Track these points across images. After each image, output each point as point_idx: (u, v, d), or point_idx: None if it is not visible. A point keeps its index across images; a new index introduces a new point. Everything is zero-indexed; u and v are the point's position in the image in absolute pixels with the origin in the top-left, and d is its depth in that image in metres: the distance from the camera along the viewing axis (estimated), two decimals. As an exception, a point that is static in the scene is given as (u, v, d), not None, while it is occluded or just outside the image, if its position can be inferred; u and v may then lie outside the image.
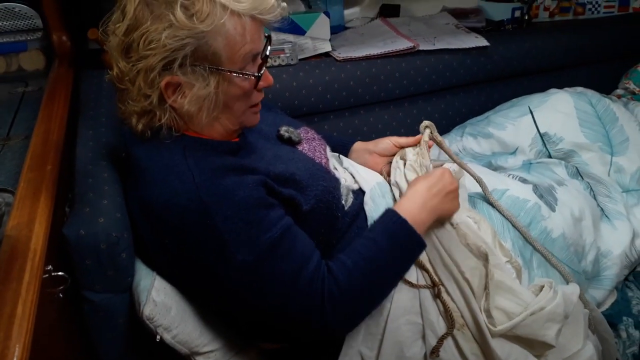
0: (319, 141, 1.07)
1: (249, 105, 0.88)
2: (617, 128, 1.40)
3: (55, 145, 0.87)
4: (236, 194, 0.79)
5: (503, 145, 1.45)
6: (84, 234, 0.78)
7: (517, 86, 1.74)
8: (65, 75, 1.21)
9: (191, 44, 0.77)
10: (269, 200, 0.83)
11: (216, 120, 0.87)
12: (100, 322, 0.84)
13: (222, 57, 0.80)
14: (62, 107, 1.01)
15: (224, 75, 0.82)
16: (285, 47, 1.44)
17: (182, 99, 0.81)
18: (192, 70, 0.79)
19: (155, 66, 0.78)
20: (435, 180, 0.95)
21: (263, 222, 0.80)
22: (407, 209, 0.91)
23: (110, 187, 0.88)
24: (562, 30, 1.77)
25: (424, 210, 0.92)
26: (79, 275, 0.80)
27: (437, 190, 0.93)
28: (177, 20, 0.75)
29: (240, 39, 0.80)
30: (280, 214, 0.83)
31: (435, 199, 0.93)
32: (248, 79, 0.84)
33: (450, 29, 1.70)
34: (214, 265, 0.79)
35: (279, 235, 0.80)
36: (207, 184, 0.79)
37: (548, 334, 0.92)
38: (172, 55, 0.77)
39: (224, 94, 0.83)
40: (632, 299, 1.28)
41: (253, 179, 0.82)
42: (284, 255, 0.80)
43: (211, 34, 0.77)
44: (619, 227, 1.26)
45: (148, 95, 0.80)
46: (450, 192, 0.95)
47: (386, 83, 1.52)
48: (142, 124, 0.83)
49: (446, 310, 0.92)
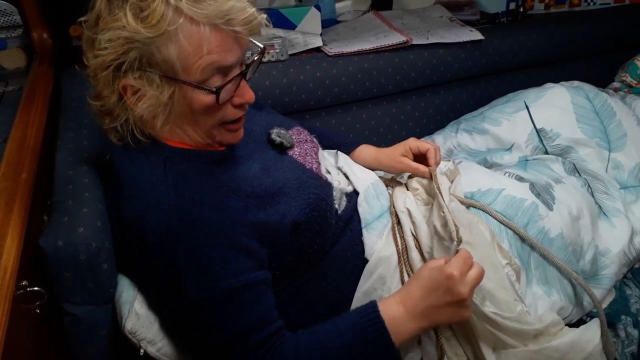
0: (311, 143, 1.03)
1: (218, 122, 0.81)
2: (614, 123, 1.38)
3: (32, 150, 0.83)
4: (209, 226, 0.74)
5: (498, 142, 1.42)
6: (62, 245, 0.74)
7: (513, 80, 1.71)
8: (46, 74, 1.16)
9: (137, 49, 0.72)
10: (243, 244, 0.76)
11: (181, 130, 0.82)
12: (81, 335, 0.80)
13: (177, 66, 0.74)
14: (41, 108, 0.97)
15: (179, 86, 0.76)
16: (274, 42, 1.40)
17: (138, 102, 0.77)
18: (144, 75, 0.75)
19: (107, 66, 0.74)
20: (434, 286, 0.78)
21: (227, 266, 0.74)
22: (392, 308, 0.78)
23: (92, 193, 0.85)
24: (558, 23, 1.74)
25: (413, 318, 0.78)
26: (57, 288, 0.76)
27: (435, 299, 0.77)
28: (127, 22, 0.71)
29: (195, 50, 0.72)
30: (251, 265, 0.77)
31: (431, 309, 0.78)
32: (209, 93, 0.76)
33: (444, 22, 1.67)
34: (162, 291, 0.76)
35: (241, 286, 0.74)
36: (180, 208, 0.75)
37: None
38: (121, 57, 0.73)
39: (181, 105, 0.78)
40: (630, 297, 1.26)
41: (234, 210, 0.77)
42: (239, 310, 0.74)
43: (161, 40, 0.71)
44: (618, 225, 1.23)
45: (107, 95, 0.77)
46: (455, 303, 0.77)
47: (379, 78, 1.49)
48: (109, 122, 0.80)
49: (437, 340, 0.89)
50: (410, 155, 1.08)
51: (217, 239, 0.75)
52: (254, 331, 0.74)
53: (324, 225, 0.89)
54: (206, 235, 0.74)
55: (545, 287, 1.05)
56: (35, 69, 1.19)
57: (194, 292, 0.73)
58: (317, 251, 0.88)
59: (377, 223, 0.99)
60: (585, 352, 0.89)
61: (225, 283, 0.73)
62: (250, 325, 0.74)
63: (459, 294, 0.76)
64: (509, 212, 1.07)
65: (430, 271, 0.79)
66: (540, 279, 1.05)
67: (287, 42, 1.45)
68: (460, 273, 0.77)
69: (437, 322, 0.81)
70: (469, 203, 1.07)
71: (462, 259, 0.78)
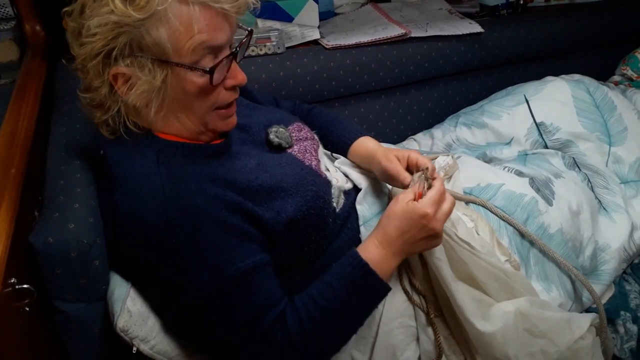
0: (311, 140, 1.01)
1: (212, 106, 0.81)
2: (615, 117, 1.36)
3: (23, 145, 0.82)
4: (209, 215, 0.74)
5: (498, 136, 1.41)
6: (52, 241, 0.73)
7: (513, 74, 1.69)
8: (39, 67, 1.14)
9: (127, 33, 0.71)
10: (244, 230, 0.77)
11: (174, 118, 0.81)
12: (73, 333, 0.79)
13: (168, 48, 0.73)
14: (32, 102, 0.95)
15: (171, 68, 0.75)
16: (271, 34, 1.38)
17: (130, 91, 0.75)
18: (135, 61, 0.73)
19: (97, 55, 0.73)
20: (410, 225, 0.81)
21: (233, 251, 0.74)
22: (372, 251, 0.82)
23: (83, 189, 0.83)
24: (558, 15, 1.72)
25: (392, 255, 0.82)
26: (48, 285, 0.75)
27: (411, 236, 0.81)
28: (114, 6, 0.69)
29: (185, 29, 0.72)
30: (255, 248, 0.78)
31: (407, 245, 0.82)
32: (203, 74, 0.76)
33: (443, 14, 1.65)
34: (168, 288, 0.75)
35: (249, 269, 0.75)
36: (177, 200, 0.73)
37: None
38: (111, 43, 0.72)
39: (175, 89, 0.77)
40: (629, 293, 1.25)
41: (231, 200, 0.77)
42: (249, 292, 0.75)
43: (151, 22, 0.71)
44: (617, 220, 1.22)
45: (97, 86, 0.76)
46: (428, 237, 0.82)
47: (377, 72, 1.47)
48: (100, 116, 0.79)
49: (436, 338, 0.89)
50: (403, 163, 0.98)
51: (219, 227, 0.74)
52: (265, 313, 0.76)
53: (321, 223, 0.87)
54: (207, 225, 0.74)
55: (544, 283, 1.04)
56: (27, 62, 1.17)
57: (204, 282, 0.73)
58: (313, 249, 0.87)
59: (375, 220, 0.97)
60: (573, 335, 0.91)
61: (233, 268, 0.74)
62: (261, 307, 0.76)
63: (433, 230, 0.81)
64: (509, 208, 1.06)
65: (404, 210, 0.81)
66: (540, 275, 1.04)
67: (284, 34, 1.43)
68: (434, 210, 0.80)
69: (413, 254, 0.87)
70: (468, 199, 1.06)
71: (435, 195, 0.81)
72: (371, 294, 0.83)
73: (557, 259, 1.03)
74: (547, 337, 0.89)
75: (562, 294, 1.05)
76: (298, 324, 0.77)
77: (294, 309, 0.79)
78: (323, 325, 0.79)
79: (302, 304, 0.79)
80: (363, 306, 0.84)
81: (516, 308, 0.89)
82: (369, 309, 0.85)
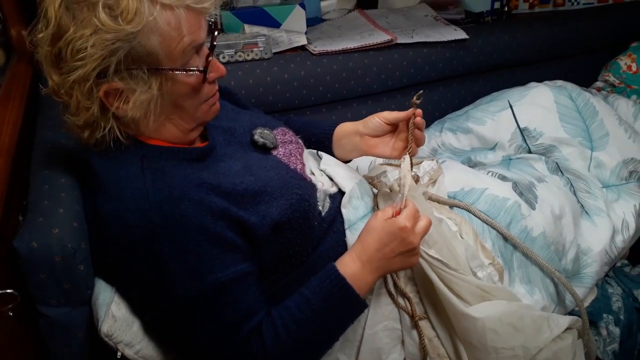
0: (296, 144, 1.02)
1: (201, 101, 0.83)
2: (597, 122, 1.38)
3: (7, 149, 0.81)
4: (192, 222, 0.74)
5: (482, 141, 1.42)
6: (36, 246, 0.73)
7: (497, 80, 1.71)
8: (24, 72, 1.14)
9: (122, 48, 0.71)
10: (228, 238, 0.77)
11: (169, 121, 0.82)
12: (57, 337, 0.79)
13: (160, 55, 0.74)
14: (17, 106, 0.95)
15: (166, 75, 0.76)
16: (258, 40, 1.38)
17: (125, 105, 0.75)
18: (129, 74, 0.74)
19: (88, 76, 0.72)
20: (389, 238, 0.82)
21: (215, 260, 0.75)
22: (349, 265, 0.83)
23: (68, 193, 0.83)
24: (542, 22, 1.74)
25: (370, 271, 0.83)
26: (32, 290, 0.75)
27: (390, 250, 0.82)
28: (102, 23, 0.69)
29: (176, 34, 0.73)
30: (237, 258, 0.78)
31: (385, 260, 0.83)
32: (194, 74, 0.78)
33: (429, 21, 1.67)
34: (149, 292, 0.75)
35: (229, 279, 0.75)
36: (161, 205, 0.74)
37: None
38: (104, 62, 0.71)
39: (170, 94, 0.78)
40: (612, 296, 1.27)
41: (216, 207, 0.77)
42: (228, 303, 0.75)
43: (142, 33, 0.71)
44: (599, 223, 1.24)
45: (88, 107, 0.75)
46: (406, 252, 0.83)
47: (364, 77, 1.48)
48: (89, 136, 0.78)
49: (420, 341, 0.90)
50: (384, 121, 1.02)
51: (202, 236, 0.74)
52: (243, 323, 0.77)
53: (306, 226, 0.88)
54: (190, 232, 0.74)
55: (527, 286, 1.05)
56: (13, 66, 1.16)
57: (183, 289, 0.73)
58: (298, 252, 0.87)
59: (361, 224, 0.98)
60: (551, 333, 0.92)
61: (213, 277, 0.74)
62: (240, 317, 0.77)
63: (411, 243, 0.82)
64: (492, 212, 1.07)
65: (384, 224, 0.83)
66: (523, 278, 1.05)
67: (271, 40, 1.43)
68: (412, 224, 0.82)
69: (390, 271, 0.87)
70: (452, 203, 1.07)
71: (412, 211, 0.83)
72: (347, 308, 0.84)
73: (540, 262, 1.05)
74: (527, 333, 0.90)
75: (545, 296, 1.06)
76: (274, 336, 0.78)
77: (270, 320, 0.80)
78: (298, 337, 0.79)
79: (279, 315, 0.80)
80: (339, 320, 0.84)
81: (502, 304, 0.91)
82: (345, 324, 0.86)
